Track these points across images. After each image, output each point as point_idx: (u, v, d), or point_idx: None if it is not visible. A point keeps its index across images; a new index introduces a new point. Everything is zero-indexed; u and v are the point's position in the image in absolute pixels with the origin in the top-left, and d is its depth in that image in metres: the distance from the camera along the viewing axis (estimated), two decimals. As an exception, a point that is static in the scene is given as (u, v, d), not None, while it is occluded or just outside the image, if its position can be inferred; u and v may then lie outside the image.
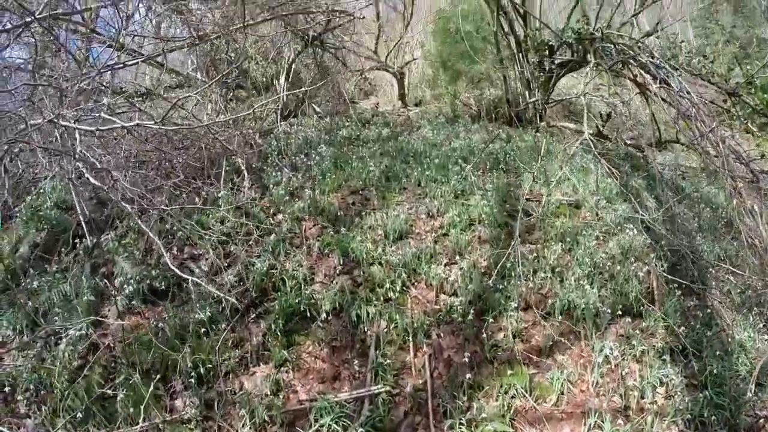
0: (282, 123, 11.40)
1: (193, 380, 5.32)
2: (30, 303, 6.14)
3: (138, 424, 5.02)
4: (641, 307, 6.26)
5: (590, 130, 12.16)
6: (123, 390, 5.17)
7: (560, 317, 6.05)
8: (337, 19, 11.05)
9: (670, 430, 5.04)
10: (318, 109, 12.62)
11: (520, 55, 12.29)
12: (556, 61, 11.61)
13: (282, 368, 5.59)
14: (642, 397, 5.33)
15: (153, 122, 5.35)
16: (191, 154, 8.33)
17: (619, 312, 6.04)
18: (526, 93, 12.50)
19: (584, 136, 6.83)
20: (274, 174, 8.33)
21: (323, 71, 12.88)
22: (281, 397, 5.28)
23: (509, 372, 5.30)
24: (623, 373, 5.46)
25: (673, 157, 12.56)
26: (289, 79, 12.00)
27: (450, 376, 5.32)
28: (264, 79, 12.18)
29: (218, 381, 5.44)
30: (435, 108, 13.95)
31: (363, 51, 13.73)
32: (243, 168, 8.19)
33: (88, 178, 5.77)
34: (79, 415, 5.03)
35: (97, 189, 7.14)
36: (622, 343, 5.81)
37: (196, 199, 7.40)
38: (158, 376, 5.34)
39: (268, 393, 5.29)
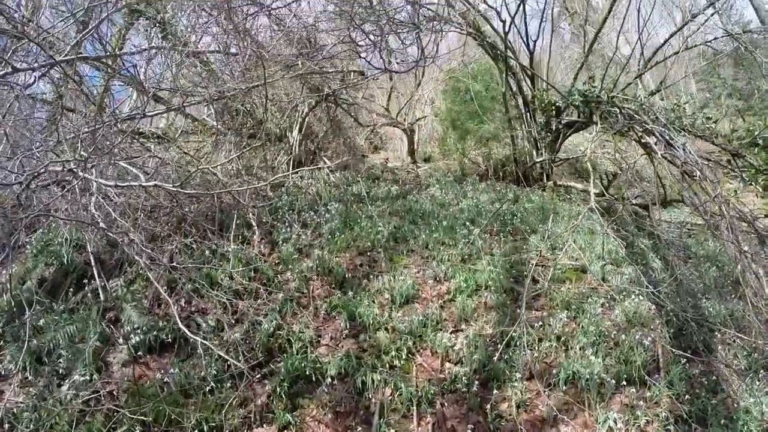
0: (293, 175, 11.68)
1: None
2: (35, 341, 6.21)
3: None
4: (646, 376, 6.26)
5: (596, 190, 12.38)
6: None
7: (564, 387, 6.08)
8: (352, 77, 11.41)
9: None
10: (329, 163, 12.92)
11: (528, 114, 12.59)
12: (563, 121, 11.87)
13: (285, 431, 5.64)
14: (646, 472, 5.33)
15: (171, 186, 5.57)
16: (203, 204, 8.54)
17: (624, 382, 6.07)
18: (534, 152, 12.73)
19: (590, 205, 7.02)
20: (284, 230, 8.51)
21: (335, 125, 13.22)
22: (283, 463, 5.34)
23: (511, 447, 5.33)
24: (627, 447, 5.48)
25: (679, 213, 12.66)
26: (302, 132, 12.34)
27: (452, 449, 5.36)
28: (278, 131, 12.52)
29: None
30: (443, 165, 14.24)
31: (375, 107, 14.14)
32: (254, 223, 8.40)
33: (103, 228, 5.98)
34: None
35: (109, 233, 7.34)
36: (627, 413, 5.82)
37: (206, 252, 7.57)
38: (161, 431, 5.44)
39: (271, 457, 5.35)
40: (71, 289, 7.14)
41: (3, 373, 6.06)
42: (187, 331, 4.78)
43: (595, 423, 5.76)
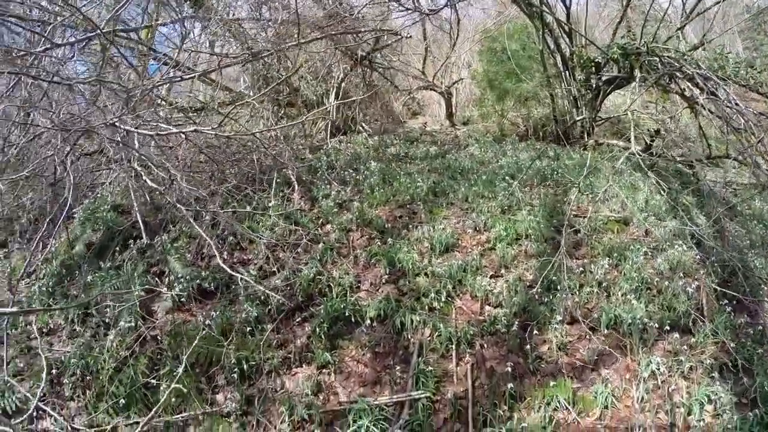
0: (331, 140, 11.68)
1: (235, 376, 5.51)
2: (83, 295, 6.48)
3: (179, 414, 5.24)
4: (690, 323, 6.06)
5: (639, 147, 12.00)
6: (166, 381, 5.40)
7: (606, 331, 5.94)
8: (385, 38, 11.26)
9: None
10: (367, 128, 12.85)
11: (567, 72, 12.23)
12: (603, 78, 11.50)
13: (324, 370, 5.70)
14: (689, 414, 5.16)
15: (210, 128, 5.61)
16: (243, 166, 8.65)
17: (667, 327, 5.88)
18: (574, 111, 12.40)
19: (631, 149, 6.79)
20: (323, 187, 8.52)
21: (372, 91, 13.11)
22: (321, 398, 5.39)
23: (552, 384, 5.22)
24: (670, 390, 5.31)
25: (723, 174, 12.15)
26: (339, 98, 12.28)
27: (491, 386, 5.30)
28: (314, 98, 12.49)
29: (260, 379, 5.60)
30: (482, 127, 14.00)
31: (411, 71, 13.93)
32: (293, 179, 8.43)
33: (145, 181, 6.09)
34: (122, 401, 5.30)
35: (153, 192, 7.47)
36: (670, 359, 5.65)
37: (247, 206, 7.65)
38: (202, 371, 5.60)
39: (309, 393, 5.40)
40: (117, 250, 7.35)
41: (53, 327, 6.33)
42: (229, 269, 4.81)
43: (638, 367, 5.62)
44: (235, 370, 5.55)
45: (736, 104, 7.77)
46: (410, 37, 12.03)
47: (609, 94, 12.13)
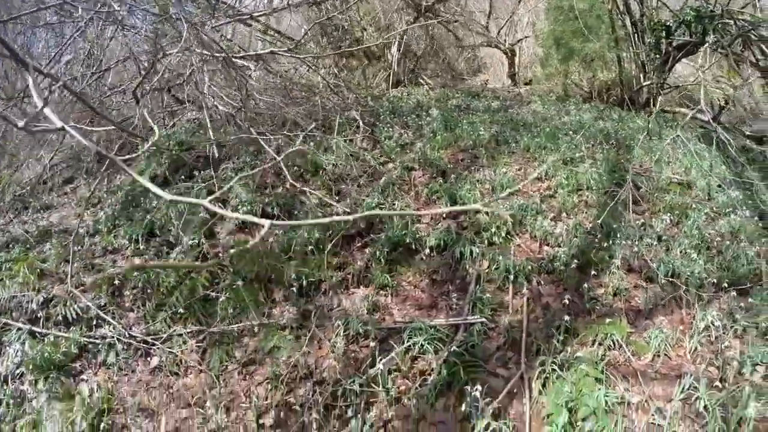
0: (392, 90, 11.60)
1: (294, 290, 5.62)
2: (148, 216, 6.60)
3: (234, 324, 5.36)
4: (748, 286, 5.86)
5: (706, 117, 11.50)
6: (225, 293, 5.53)
7: (663, 282, 5.80)
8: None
9: (766, 408, 4.75)
10: (428, 81, 12.69)
11: (636, 36, 11.74)
12: (673, 43, 10.98)
13: (381, 292, 5.77)
14: (740, 373, 5.04)
15: (286, 49, 5.60)
16: (307, 107, 8.67)
17: (725, 285, 5.72)
18: (641, 75, 11.94)
19: (699, 108, 6.52)
20: (386, 129, 8.51)
21: (434, 44, 12.91)
22: (377, 317, 5.47)
23: (608, 321, 5.14)
24: (723, 346, 5.19)
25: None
26: (400, 50, 12.14)
27: (546, 320, 5.26)
28: (375, 49, 12.38)
29: (318, 296, 5.71)
30: (545, 88, 13.62)
31: (474, 26, 13.59)
32: (358, 119, 8.43)
33: (216, 106, 6.17)
34: (180, 311, 5.43)
35: (220, 128, 7.55)
36: (725, 317, 5.51)
37: (312, 144, 7.71)
38: (261, 286, 5.72)
39: (365, 312, 5.49)
40: (182, 180, 7.49)
41: (117, 246, 6.46)
42: (289, 176, 4.86)
43: (692, 320, 5.49)
44: (294, 285, 5.66)
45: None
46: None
47: (679, 60, 11.57)
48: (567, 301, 5.25)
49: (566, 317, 5.02)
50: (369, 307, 5.51)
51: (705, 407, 4.27)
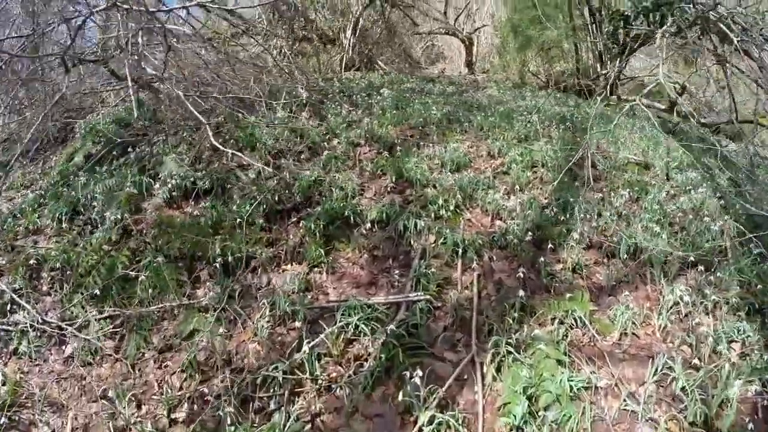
0: (345, 73, 10.90)
1: (218, 268, 4.92)
2: (72, 193, 5.95)
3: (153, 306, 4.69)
4: (714, 261, 5.26)
5: (663, 106, 11.14)
6: (146, 272, 4.83)
7: (625, 257, 5.18)
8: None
9: (746, 388, 4.16)
10: (383, 66, 12.00)
11: (593, 25, 11.36)
12: (631, 33, 10.59)
13: (315, 269, 5.04)
14: (714, 351, 4.44)
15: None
16: (254, 84, 8.00)
17: (691, 260, 5.14)
18: (598, 65, 11.54)
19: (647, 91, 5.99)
20: (333, 107, 7.77)
21: (391, 30, 12.25)
22: (309, 296, 4.73)
23: (568, 296, 4.46)
24: (694, 323, 4.59)
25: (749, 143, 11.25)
26: (356, 34, 11.44)
27: (499, 297, 4.55)
28: (330, 33, 11.64)
29: (245, 273, 4.98)
30: (502, 77, 13.08)
31: (432, 13, 12.98)
32: (303, 96, 7.69)
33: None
34: (96, 292, 4.77)
35: (158, 106, 6.90)
36: (694, 293, 4.91)
37: (253, 117, 6.98)
38: (185, 265, 5.05)
39: (296, 290, 4.74)
40: (115, 156, 6.86)
41: (40, 226, 5.84)
42: (211, 137, 4.11)
43: (659, 296, 4.88)
44: (219, 261, 4.90)
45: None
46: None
47: (636, 50, 11.22)
48: (522, 276, 4.52)
49: (521, 293, 4.30)
50: (300, 285, 4.74)
51: (683, 389, 3.64)
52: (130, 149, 6.77)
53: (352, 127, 7.23)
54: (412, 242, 5.09)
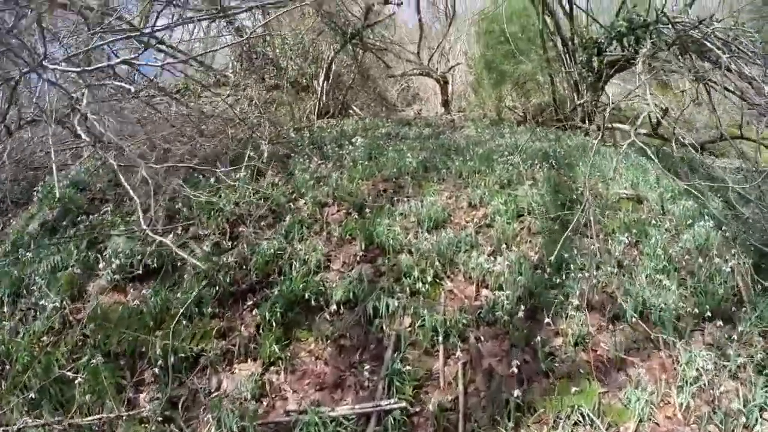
0: (318, 121, 10.25)
1: (160, 371, 4.14)
2: (17, 273, 5.22)
3: (91, 415, 3.90)
4: (731, 311, 4.50)
5: (644, 130, 10.54)
6: (84, 374, 4.08)
7: (632, 320, 4.38)
8: (375, 7, 9.72)
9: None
10: (358, 112, 11.35)
11: (567, 55, 10.79)
12: (605, 60, 10.04)
13: (272, 368, 4.23)
14: (745, 426, 3.64)
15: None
16: (216, 141, 7.36)
17: (707, 315, 4.35)
18: (575, 95, 10.95)
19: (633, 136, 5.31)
20: (301, 161, 7.04)
21: (364, 74, 11.64)
22: (265, 404, 3.91)
23: (573, 389, 3.66)
24: (718, 393, 3.79)
25: (734, 159, 10.68)
26: (329, 80, 10.82)
27: (490, 393, 3.72)
28: (303, 80, 11.01)
29: (192, 376, 4.18)
30: (479, 113, 12.47)
31: (406, 55, 12.41)
32: (265, 153, 6.99)
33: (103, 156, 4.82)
34: (32, 395, 3.98)
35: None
36: (713, 354, 4.10)
37: (212, 180, 6.23)
38: (127, 363, 4.30)
39: (249, 397, 3.92)
40: (68, 226, 6.12)
41: None
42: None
43: (675, 364, 4.08)
44: (160, 363, 4.11)
45: (755, 79, 6.62)
46: (401, 3, 10.42)
47: (612, 76, 10.69)
48: (517, 363, 3.71)
49: (516, 392, 3.47)
50: (255, 390, 3.92)
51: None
52: (82, 217, 6.09)
53: (320, 183, 6.47)
54: (384, 327, 4.26)
